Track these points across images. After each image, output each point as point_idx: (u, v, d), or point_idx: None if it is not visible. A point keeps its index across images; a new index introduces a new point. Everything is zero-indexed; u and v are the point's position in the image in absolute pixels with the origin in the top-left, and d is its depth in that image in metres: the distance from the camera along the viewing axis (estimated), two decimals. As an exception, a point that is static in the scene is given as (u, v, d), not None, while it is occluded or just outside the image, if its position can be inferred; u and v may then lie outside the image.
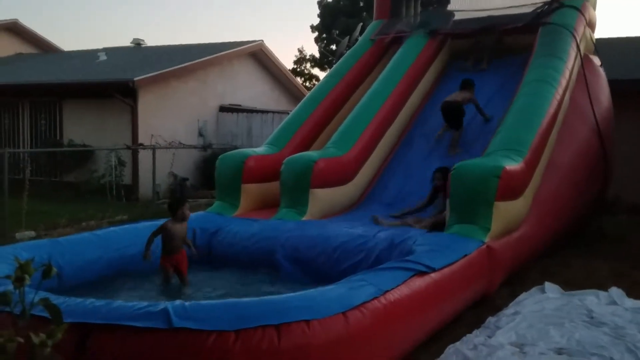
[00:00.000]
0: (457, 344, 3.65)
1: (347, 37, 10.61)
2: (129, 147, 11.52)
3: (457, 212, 5.08)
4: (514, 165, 5.21)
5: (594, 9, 8.17)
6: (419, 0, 9.27)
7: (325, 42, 26.53)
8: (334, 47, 23.76)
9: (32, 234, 7.46)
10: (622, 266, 5.97)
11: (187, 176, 12.59)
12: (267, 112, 14.07)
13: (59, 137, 13.05)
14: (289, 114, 8.19)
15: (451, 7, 8.97)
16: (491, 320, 4.10)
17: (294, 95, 16.91)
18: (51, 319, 1.48)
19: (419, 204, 6.14)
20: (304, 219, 5.88)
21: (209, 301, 3.01)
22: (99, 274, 4.67)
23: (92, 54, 16.39)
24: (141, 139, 12.02)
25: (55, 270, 1.55)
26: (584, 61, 7.29)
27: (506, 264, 5.02)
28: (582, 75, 7.11)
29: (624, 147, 9.00)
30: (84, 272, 4.56)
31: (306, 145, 7.25)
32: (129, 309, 2.78)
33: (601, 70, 7.98)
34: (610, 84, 8.00)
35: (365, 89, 7.83)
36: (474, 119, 7.16)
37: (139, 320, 2.68)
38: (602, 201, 7.95)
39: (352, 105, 7.64)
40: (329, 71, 8.79)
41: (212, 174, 7.29)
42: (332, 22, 24.94)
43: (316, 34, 26.82)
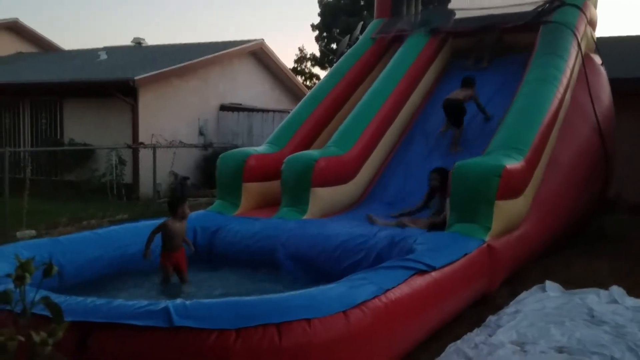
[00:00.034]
0: (458, 342, 3.65)
1: (348, 36, 10.59)
2: (129, 146, 11.52)
3: (458, 211, 5.07)
4: (514, 164, 5.20)
5: (595, 7, 8.16)
6: (420, -2, 9.28)
7: (325, 41, 26.52)
8: (334, 46, 23.74)
9: (32, 233, 7.47)
10: (623, 265, 5.97)
11: (187, 175, 12.59)
12: (268, 111, 14.08)
13: (59, 136, 13.06)
14: (289, 113, 8.18)
15: (452, 5, 8.95)
16: (492, 319, 4.10)
17: (295, 94, 16.90)
18: (52, 318, 1.48)
19: (417, 205, 6.06)
20: (304, 218, 5.88)
21: (210, 300, 3.01)
22: (99, 273, 4.68)
23: (93, 53, 16.39)
24: (142, 138, 12.03)
25: (56, 269, 1.55)
26: (585, 60, 7.28)
27: (507, 263, 5.02)
28: (583, 74, 7.10)
29: (625, 146, 9.00)
30: (84, 271, 4.57)
31: (307, 144, 7.24)
32: (130, 307, 2.78)
33: (602, 69, 7.98)
34: (611, 82, 7.99)
35: (365, 88, 7.82)
36: (475, 117, 7.15)
37: (140, 319, 2.68)
38: (603, 200, 7.94)
39: (352, 104, 7.63)
40: (329, 70, 8.78)
41: (212, 173, 7.29)
42: (333, 20, 24.93)
43: (317, 32, 26.81)
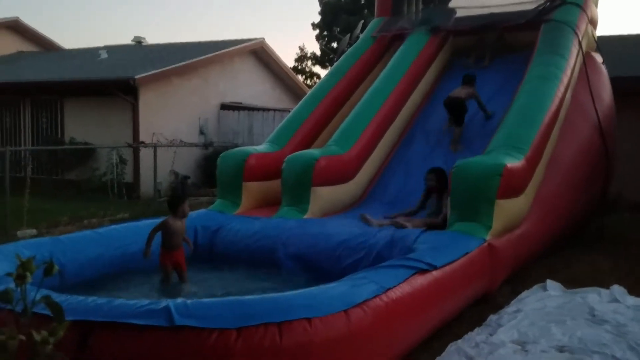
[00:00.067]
0: (459, 342, 3.65)
1: (349, 35, 10.58)
2: (130, 145, 11.53)
3: (459, 210, 5.07)
4: (515, 162, 5.20)
5: (596, 6, 8.15)
6: (421, -3, 9.27)
7: (326, 39, 26.51)
8: (335, 44, 23.72)
9: (33, 232, 7.48)
10: (623, 264, 5.96)
11: (188, 174, 12.59)
12: (268, 110, 14.07)
13: (60, 135, 13.06)
14: (290, 112, 8.18)
15: (453, 4, 8.94)
16: (493, 318, 4.09)
17: (295, 93, 16.90)
18: (53, 317, 1.48)
19: (411, 208, 5.94)
20: (305, 217, 5.88)
21: (211, 299, 3.01)
22: (100, 272, 4.68)
23: (93, 52, 16.39)
24: (142, 137, 12.03)
25: (56, 267, 1.55)
26: (586, 58, 7.27)
27: (508, 262, 5.01)
28: (584, 72, 7.09)
29: (626, 144, 8.99)
30: (85, 270, 4.57)
31: (307, 143, 7.24)
32: (131, 307, 2.78)
33: (603, 67, 7.97)
34: (611, 81, 7.98)
35: (366, 87, 7.81)
36: (476, 116, 7.14)
37: (141, 318, 2.68)
38: (604, 199, 7.93)
39: (353, 103, 7.62)
40: (330, 69, 8.77)
41: (213, 172, 7.29)
42: (334, 19, 24.92)
43: (317, 31, 26.80)
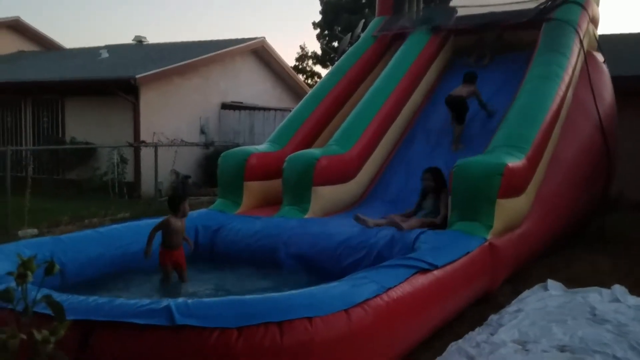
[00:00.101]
0: (460, 341, 3.65)
1: (349, 34, 10.58)
2: (131, 145, 11.53)
3: (460, 210, 5.07)
4: (516, 162, 5.19)
5: (597, 5, 8.13)
6: (422, -4, 9.26)
7: (327, 39, 26.51)
8: (336, 44, 23.72)
9: (34, 231, 7.48)
10: (625, 263, 5.96)
11: (189, 174, 12.59)
12: (269, 109, 14.07)
13: (61, 135, 13.07)
14: (291, 111, 8.17)
15: (453, 3, 8.94)
16: (493, 317, 4.09)
17: (296, 92, 16.89)
18: (54, 316, 1.48)
19: (409, 209, 5.81)
20: (306, 216, 5.88)
21: (212, 298, 3.01)
22: (101, 271, 4.68)
23: (94, 51, 16.40)
24: (143, 137, 12.03)
25: (57, 267, 1.55)
26: (587, 57, 7.26)
27: (508, 262, 5.01)
28: (586, 71, 7.08)
29: (628, 143, 8.97)
30: (86, 269, 4.57)
31: (308, 142, 7.24)
32: (132, 306, 2.78)
33: (604, 66, 7.96)
34: (613, 80, 7.97)
35: (367, 86, 7.81)
36: (477, 114, 7.14)
37: (142, 317, 2.68)
38: (605, 198, 7.92)
39: (354, 102, 7.62)
40: (331, 68, 8.77)
41: (214, 172, 7.29)
42: (334, 18, 24.92)
43: (318, 30, 26.80)
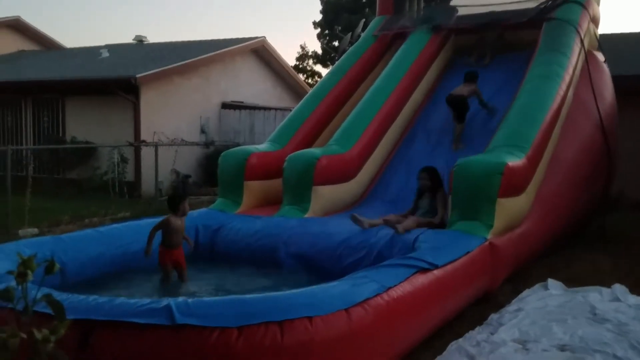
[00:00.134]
0: (460, 340, 3.65)
1: (350, 34, 10.57)
2: (131, 144, 11.53)
3: (460, 209, 5.06)
4: (516, 161, 5.19)
5: (598, 4, 8.13)
6: (422, -5, 9.25)
7: (327, 38, 26.49)
8: (336, 43, 23.70)
9: (34, 231, 7.49)
10: (625, 263, 5.96)
11: (189, 173, 12.59)
12: (270, 109, 14.06)
13: (61, 134, 13.07)
14: (291, 110, 8.17)
15: (454, 2, 8.93)
16: (494, 317, 4.09)
17: (297, 92, 16.88)
18: (54, 316, 1.48)
19: (408, 211, 5.70)
20: (306, 216, 5.88)
21: (212, 298, 3.02)
22: (101, 270, 4.69)
23: (95, 50, 16.39)
24: (143, 136, 12.03)
25: (57, 266, 1.55)
26: (588, 57, 7.25)
27: (509, 261, 5.01)
28: (586, 71, 7.08)
29: (628, 143, 8.97)
30: (86, 268, 4.58)
31: (309, 142, 7.23)
32: (132, 305, 2.78)
33: (605, 66, 7.95)
34: (613, 80, 7.96)
35: (368, 86, 7.80)
36: (478, 114, 7.14)
37: (142, 316, 2.69)
38: (606, 198, 7.92)
39: (354, 102, 7.62)
40: (331, 68, 8.76)
41: (214, 171, 7.29)
42: (335, 18, 24.90)
43: (319, 30, 26.78)
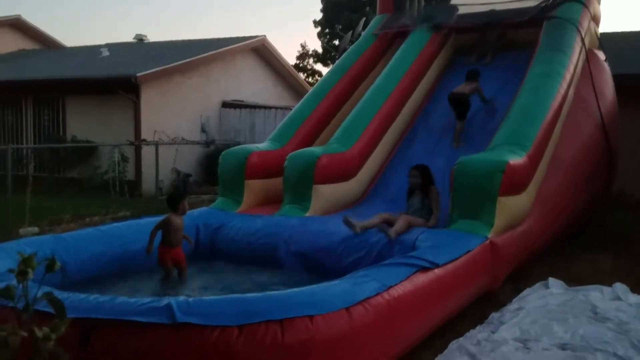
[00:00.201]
0: (461, 339, 3.65)
1: (350, 32, 10.55)
2: (132, 143, 11.53)
3: (461, 208, 5.06)
4: (517, 160, 5.18)
5: (599, 3, 8.12)
6: (423, -6, 9.24)
7: (328, 37, 26.48)
8: (336, 42, 23.69)
9: (35, 229, 7.49)
10: (625, 263, 5.95)
11: (190, 172, 12.59)
12: (270, 107, 14.05)
13: (62, 133, 13.06)
14: (291, 109, 8.16)
15: (455, 1, 8.92)
16: (495, 315, 4.09)
17: (297, 91, 16.87)
18: (55, 314, 1.48)
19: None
20: (307, 215, 5.87)
21: (213, 297, 3.01)
22: (102, 269, 4.69)
23: (95, 49, 16.38)
24: (144, 135, 12.02)
25: (58, 264, 1.55)
26: (589, 56, 7.25)
27: (509, 260, 5.00)
28: (587, 69, 7.07)
29: (629, 142, 8.96)
30: (87, 267, 4.58)
31: (309, 141, 7.23)
32: (133, 304, 2.78)
33: (606, 65, 7.94)
34: (614, 78, 7.95)
35: (368, 85, 7.80)
36: (479, 112, 7.13)
37: (143, 315, 2.69)
38: (607, 196, 7.92)
39: (355, 100, 7.61)
40: (331, 67, 8.75)
41: (215, 170, 7.29)
42: (335, 17, 24.89)
43: (319, 29, 26.78)
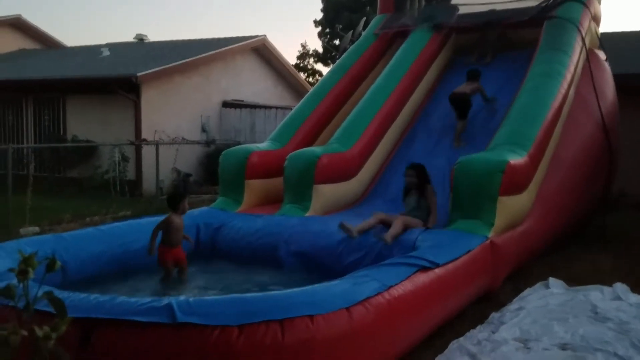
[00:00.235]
0: (461, 339, 3.65)
1: (351, 32, 10.54)
2: (132, 143, 11.53)
3: (461, 207, 5.06)
4: (518, 159, 5.18)
5: (599, 3, 8.12)
6: (423, -7, 9.23)
7: (328, 37, 26.47)
8: (337, 42, 23.68)
9: (36, 229, 7.49)
10: (625, 263, 5.95)
11: (190, 172, 12.59)
12: (270, 107, 14.04)
13: (62, 133, 13.06)
14: (292, 109, 8.16)
15: (455, 1, 8.91)
16: (495, 315, 4.09)
17: (297, 90, 16.87)
18: (55, 313, 1.48)
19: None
20: (307, 214, 5.87)
21: (213, 296, 3.01)
22: (102, 269, 4.69)
23: (95, 49, 16.38)
24: (144, 135, 12.02)
25: (59, 263, 1.55)
26: (589, 55, 7.24)
27: (510, 260, 5.00)
28: (588, 69, 7.07)
29: (629, 142, 8.95)
30: (87, 267, 4.58)
31: (309, 141, 7.23)
32: (133, 304, 2.78)
33: (606, 64, 7.94)
34: (615, 78, 7.95)
35: (368, 84, 7.80)
36: (479, 112, 7.13)
37: (143, 315, 2.69)
38: (607, 197, 7.91)
39: (355, 100, 7.61)
40: (332, 66, 8.75)
41: (215, 170, 7.29)
42: (336, 16, 24.87)
43: (319, 28, 26.76)
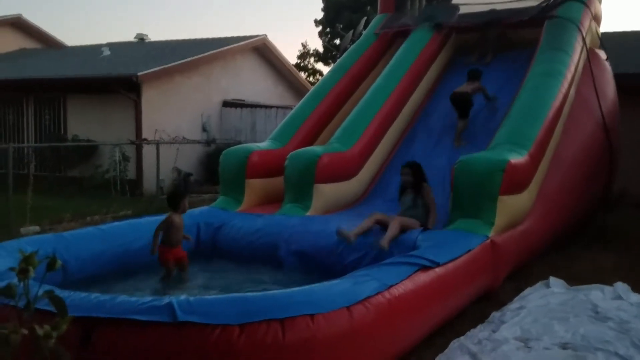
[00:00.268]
0: (462, 338, 3.64)
1: (351, 32, 10.54)
2: (133, 142, 11.53)
3: (461, 207, 5.06)
4: (518, 158, 5.19)
5: (600, 2, 8.11)
6: (424, -7, 9.23)
7: (329, 36, 26.46)
8: (337, 41, 23.67)
9: (36, 228, 7.49)
10: (626, 262, 5.95)
11: (190, 171, 12.59)
12: (271, 107, 14.05)
13: (63, 132, 13.07)
14: (292, 109, 8.16)
15: (456, 0, 8.91)
16: (495, 315, 4.08)
17: (298, 90, 16.86)
18: (56, 313, 1.48)
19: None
20: (308, 214, 5.87)
21: (214, 296, 3.02)
22: (103, 268, 4.69)
23: (96, 49, 16.38)
24: (145, 134, 12.02)
25: (59, 262, 1.55)
26: (590, 55, 7.24)
27: (510, 259, 5.00)
28: (588, 69, 7.07)
29: (629, 141, 8.95)
30: (88, 266, 4.59)
31: (310, 140, 7.23)
32: (134, 303, 2.79)
33: (607, 64, 7.94)
34: (615, 78, 7.95)
35: (369, 84, 7.80)
36: (480, 112, 7.13)
37: (144, 314, 2.69)
38: (607, 196, 7.91)
39: (356, 100, 7.61)
40: (332, 66, 8.75)
41: (215, 169, 7.29)
42: (336, 16, 24.87)
43: (320, 28, 26.76)
